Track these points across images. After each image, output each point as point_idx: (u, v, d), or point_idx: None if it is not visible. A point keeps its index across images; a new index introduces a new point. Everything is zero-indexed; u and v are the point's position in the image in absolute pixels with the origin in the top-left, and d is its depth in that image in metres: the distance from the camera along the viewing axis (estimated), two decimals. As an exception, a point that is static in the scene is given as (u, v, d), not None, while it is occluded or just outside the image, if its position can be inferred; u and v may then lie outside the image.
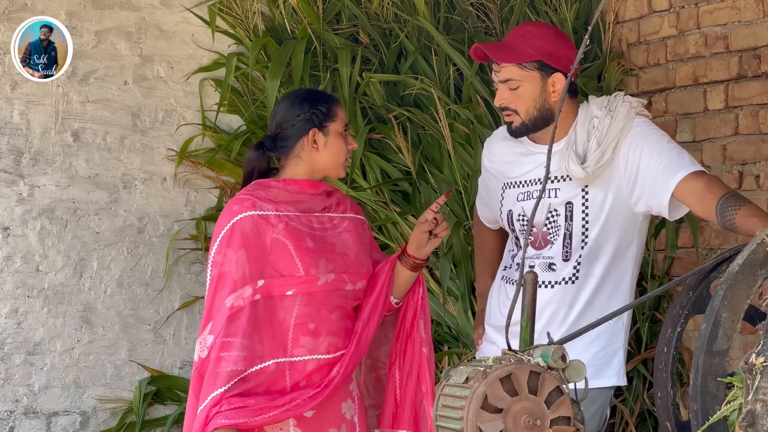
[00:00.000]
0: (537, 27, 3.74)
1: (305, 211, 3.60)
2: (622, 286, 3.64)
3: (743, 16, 4.59)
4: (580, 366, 2.51)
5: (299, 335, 3.53)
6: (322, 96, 3.67)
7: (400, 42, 5.08)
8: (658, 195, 3.51)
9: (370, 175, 4.98)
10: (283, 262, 3.53)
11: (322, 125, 3.60)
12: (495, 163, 3.85)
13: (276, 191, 3.59)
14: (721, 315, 2.44)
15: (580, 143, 3.57)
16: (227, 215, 3.55)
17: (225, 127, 5.23)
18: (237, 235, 3.51)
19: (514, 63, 3.62)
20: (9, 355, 4.91)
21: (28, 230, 4.95)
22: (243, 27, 5.20)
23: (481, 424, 2.39)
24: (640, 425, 4.81)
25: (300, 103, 3.62)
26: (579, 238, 3.61)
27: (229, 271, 3.50)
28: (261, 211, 3.54)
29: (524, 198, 3.71)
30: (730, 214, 3.35)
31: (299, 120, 3.59)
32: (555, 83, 3.61)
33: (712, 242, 4.70)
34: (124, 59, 5.13)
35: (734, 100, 4.63)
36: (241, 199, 3.57)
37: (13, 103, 4.95)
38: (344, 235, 3.64)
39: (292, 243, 3.53)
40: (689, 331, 4.41)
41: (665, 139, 3.60)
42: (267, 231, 3.53)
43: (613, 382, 3.60)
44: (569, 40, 3.70)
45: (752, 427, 2.26)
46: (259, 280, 3.51)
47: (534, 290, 2.62)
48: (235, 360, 3.44)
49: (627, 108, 3.60)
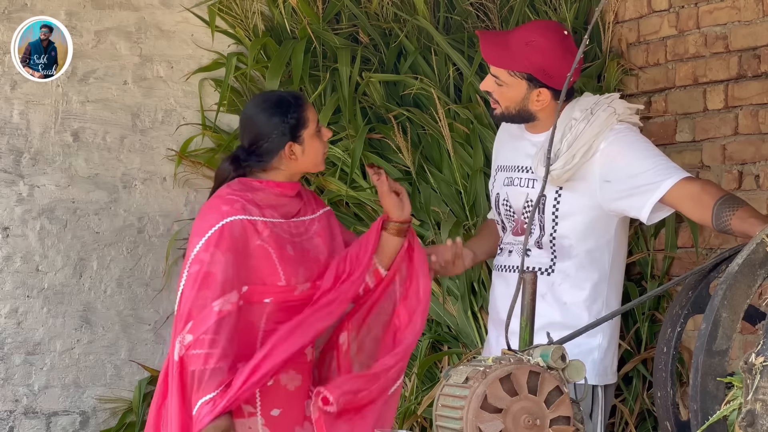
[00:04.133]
0: (546, 40, 3.64)
1: (285, 215, 3.60)
2: (599, 288, 3.64)
3: (743, 16, 4.59)
4: (579, 366, 2.51)
5: (267, 338, 3.53)
6: (289, 104, 3.61)
7: (399, 42, 5.08)
8: (640, 200, 3.51)
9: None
10: (266, 270, 3.52)
11: (296, 136, 3.59)
12: (496, 147, 3.92)
13: (261, 194, 3.59)
14: (721, 315, 2.44)
15: (556, 143, 3.59)
16: (216, 214, 3.52)
17: (225, 127, 5.23)
18: (226, 237, 3.49)
19: (503, 69, 3.64)
20: (9, 355, 4.91)
21: (27, 230, 4.95)
22: (243, 27, 5.19)
23: (481, 424, 2.40)
24: (640, 425, 4.80)
25: (269, 117, 3.58)
26: (549, 231, 3.63)
27: (215, 272, 3.48)
28: (250, 215, 3.53)
29: (508, 183, 3.75)
30: (727, 216, 3.35)
31: (274, 136, 3.57)
32: (540, 95, 3.62)
33: (712, 242, 4.70)
34: (124, 59, 5.13)
35: (734, 100, 4.62)
36: (230, 200, 3.54)
37: (12, 103, 4.95)
38: (315, 240, 3.64)
39: (276, 251, 3.52)
40: (689, 330, 4.41)
41: (650, 147, 3.62)
42: (253, 237, 3.52)
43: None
44: (573, 55, 3.60)
45: (752, 427, 2.26)
46: (244, 287, 3.51)
47: (533, 290, 2.62)
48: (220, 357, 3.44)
49: (608, 114, 3.59)
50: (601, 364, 3.64)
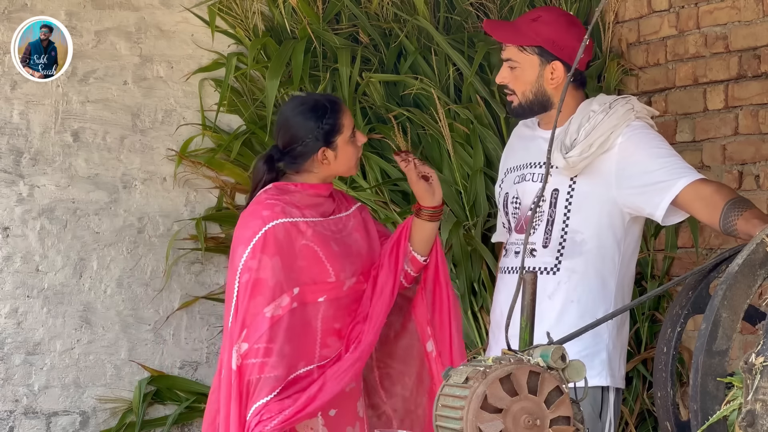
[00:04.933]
0: (550, 13, 3.74)
1: (323, 214, 3.62)
2: (608, 286, 3.62)
3: (743, 16, 4.59)
4: (579, 366, 2.51)
5: (327, 337, 3.56)
6: (326, 108, 3.61)
7: (399, 42, 5.08)
8: (656, 197, 3.50)
9: (369, 175, 4.98)
10: (315, 269, 3.53)
11: (330, 141, 3.59)
12: (506, 153, 3.91)
13: (298, 196, 3.59)
14: (721, 315, 2.44)
15: (571, 134, 3.59)
16: (258, 220, 3.52)
17: (225, 127, 5.23)
18: (271, 242, 3.49)
19: (513, 44, 3.65)
20: (9, 355, 4.91)
21: (27, 230, 4.95)
22: (243, 27, 5.20)
23: (481, 424, 2.39)
24: (640, 425, 4.80)
25: (305, 120, 3.59)
26: (560, 226, 3.61)
27: (265, 278, 3.48)
28: (291, 217, 3.54)
29: (519, 181, 3.74)
30: (733, 218, 3.34)
31: (308, 140, 3.57)
32: (554, 71, 3.62)
33: (712, 242, 4.70)
34: (124, 59, 5.13)
35: (734, 100, 4.63)
36: (270, 204, 3.54)
37: (13, 103, 4.95)
38: (354, 235, 3.65)
39: (322, 249, 3.54)
40: (689, 331, 4.41)
41: (666, 145, 3.61)
42: (297, 238, 3.53)
43: (596, 382, 3.58)
44: (581, 31, 3.68)
45: (752, 427, 2.26)
46: (295, 288, 3.51)
47: (534, 290, 2.62)
48: (276, 366, 3.44)
49: (626, 109, 3.60)
50: (609, 365, 3.62)
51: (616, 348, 3.64)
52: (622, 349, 3.69)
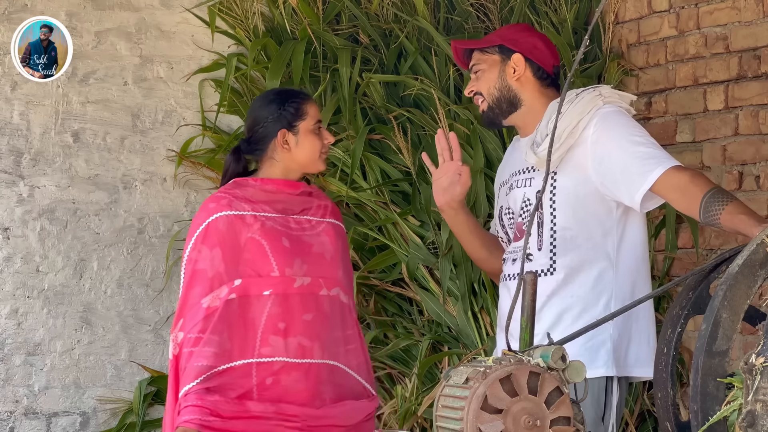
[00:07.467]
0: (516, 25, 3.97)
1: (282, 211, 3.65)
2: (605, 278, 3.61)
3: (743, 17, 4.59)
4: (579, 366, 2.51)
5: (268, 335, 3.55)
6: (291, 95, 3.72)
7: (400, 42, 5.08)
8: (631, 187, 3.50)
9: (370, 176, 4.98)
10: (259, 262, 3.57)
11: (292, 125, 3.66)
12: (498, 171, 3.94)
13: (253, 190, 3.65)
14: (721, 315, 2.44)
15: (541, 130, 3.61)
16: (203, 213, 3.61)
17: (225, 127, 5.23)
18: (212, 233, 3.56)
19: (476, 49, 3.77)
20: (9, 355, 4.91)
21: (28, 231, 4.95)
22: (243, 27, 5.20)
23: (481, 425, 2.40)
24: (640, 425, 4.80)
25: (268, 104, 3.68)
26: (548, 225, 3.62)
27: (204, 268, 3.55)
28: (237, 210, 3.59)
29: (508, 192, 3.76)
30: (716, 211, 3.31)
31: (268, 122, 3.66)
32: (516, 65, 3.70)
33: (712, 242, 4.70)
34: (124, 60, 5.13)
35: (734, 101, 4.63)
36: (217, 197, 3.63)
37: (13, 104, 4.95)
38: (322, 237, 3.67)
39: (268, 243, 3.57)
40: (689, 331, 4.41)
41: (639, 131, 3.58)
42: (242, 231, 3.58)
43: (602, 372, 3.58)
44: (543, 36, 3.80)
45: (752, 428, 2.26)
46: (236, 280, 3.55)
47: (534, 290, 2.62)
48: (205, 356, 3.48)
49: (593, 95, 3.61)
50: (614, 354, 3.61)
51: (623, 337, 3.62)
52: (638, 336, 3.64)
